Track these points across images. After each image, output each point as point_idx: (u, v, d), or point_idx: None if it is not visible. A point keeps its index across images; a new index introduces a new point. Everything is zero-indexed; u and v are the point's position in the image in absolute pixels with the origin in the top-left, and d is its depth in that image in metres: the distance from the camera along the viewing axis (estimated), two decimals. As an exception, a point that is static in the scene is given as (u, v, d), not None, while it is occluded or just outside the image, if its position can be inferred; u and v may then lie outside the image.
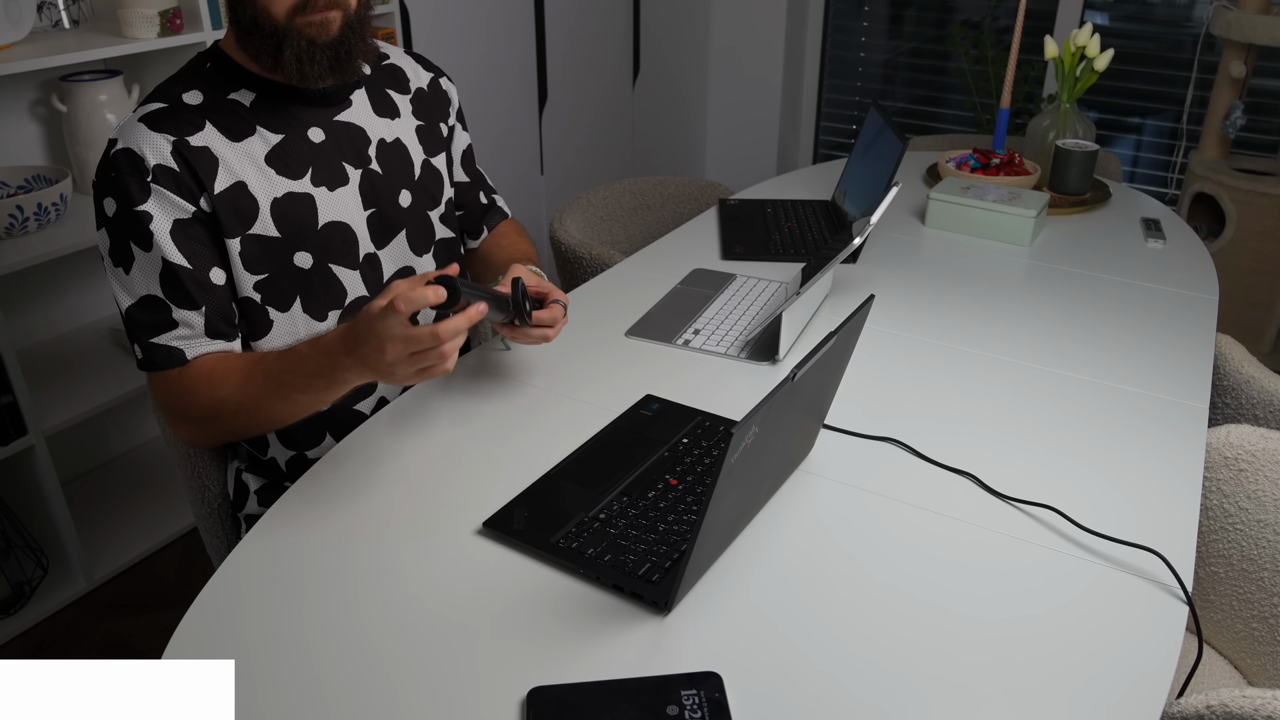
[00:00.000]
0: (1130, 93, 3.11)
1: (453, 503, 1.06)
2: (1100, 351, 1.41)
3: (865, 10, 3.47)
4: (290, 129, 1.18)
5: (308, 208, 1.18)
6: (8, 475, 1.99)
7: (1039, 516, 1.05)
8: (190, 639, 0.87)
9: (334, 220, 1.20)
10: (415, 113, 1.32)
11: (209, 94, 1.15)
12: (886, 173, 1.68)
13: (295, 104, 1.19)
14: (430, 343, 0.94)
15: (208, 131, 1.13)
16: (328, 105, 1.22)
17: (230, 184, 1.13)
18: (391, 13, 2.36)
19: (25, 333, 2.12)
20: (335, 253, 1.21)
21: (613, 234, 2.16)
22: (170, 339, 1.12)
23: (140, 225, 1.09)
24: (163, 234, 1.09)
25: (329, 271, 1.21)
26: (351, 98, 1.24)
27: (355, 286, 1.25)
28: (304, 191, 1.18)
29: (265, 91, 1.17)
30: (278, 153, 1.17)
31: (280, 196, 1.16)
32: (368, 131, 1.25)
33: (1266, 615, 1.18)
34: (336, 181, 1.21)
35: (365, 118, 1.25)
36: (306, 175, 1.18)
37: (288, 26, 1.10)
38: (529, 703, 0.80)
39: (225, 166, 1.13)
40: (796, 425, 1.01)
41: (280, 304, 1.19)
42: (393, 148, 1.27)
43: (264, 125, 1.16)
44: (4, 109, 2.00)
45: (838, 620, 0.90)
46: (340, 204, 1.21)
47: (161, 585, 2.10)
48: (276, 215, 1.16)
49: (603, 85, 3.31)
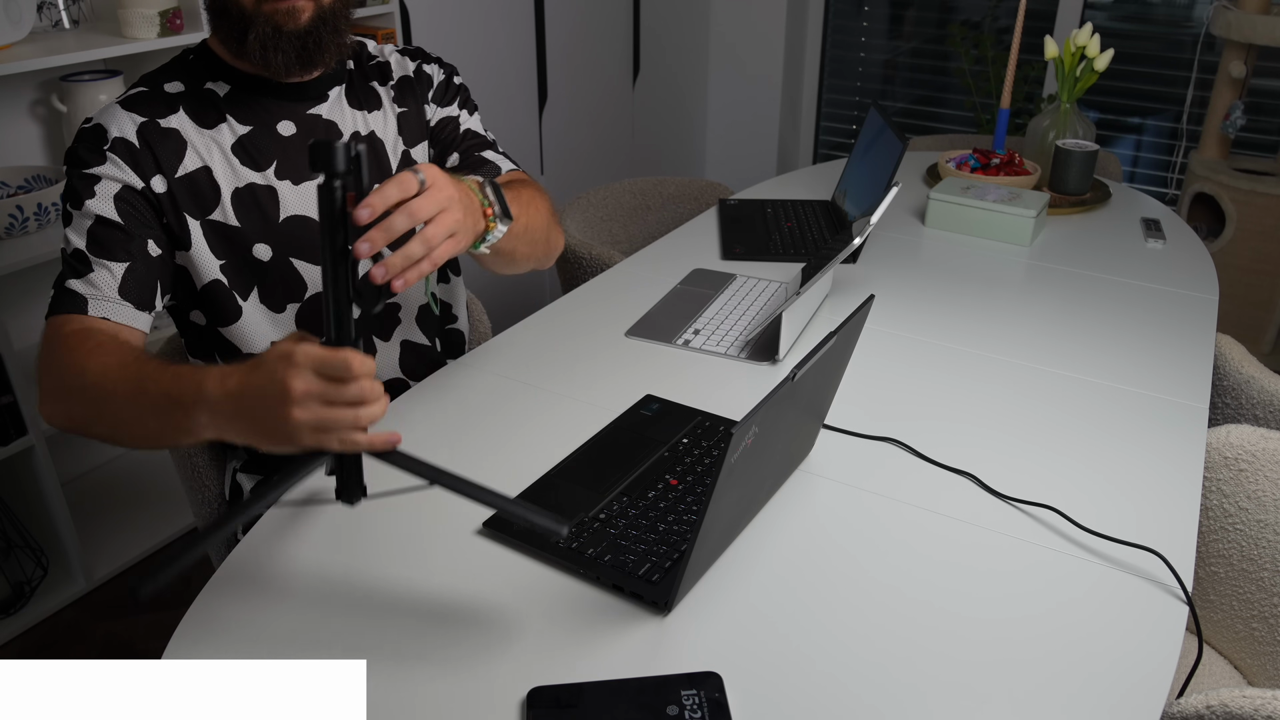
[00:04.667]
0: (1130, 93, 3.10)
1: (453, 503, 1.06)
2: (1100, 351, 1.41)
3: (865, 10, 3.47)
4: (259, 121, 1.18)
5: (269, 200, 1.18)
6: (8, 475, 1.99)
7: (1039, 516, 1.05)
8: (190, 639, 0.87)
9: (297, 214, 1.20)
10: (397, 100, 1.29)
11: (188, 83, 1.17)
12: (886, 173, 1.68)
13: (269, 97, 1.18)
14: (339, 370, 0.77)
15: (180, 116, 1.15)
16: (303, 99, 1.21)
17: (196, 168, 1.14)
18: (391, 13, 2.36)
19: (25, 333, 2.11)
20: (298, 247, 1.20)
21: (613, 234, 2.16)
22: (79, 285, 1.07)
23: (85, 185, 1.09)
24: (105, 193, 1.09)
25: (289, 265, 1.20)
26: (330, 92, 1.23)
27: (318, 281, 1.23)
28: (267, 184, 1.18)
29: (240, 84, 1.17)
30: (244, 144, 1.17)
31: (241, 187, 1.16)
32: (339, 125, 1.23)
33: (1266, 615, 1.18)
34: (302, 175, 1.20)
35: (338, 112, 1.24)
36: (271, 168, 1.18)
37: (255, 12, 1.09)
38: (529, 703, 0.80)
39: (193, 150, 1.14)
40: (796, 425, 1.01)
41: (243, 292, 1.20)
42: (366, 141, 1.25)
43: (234, 116, 1.17)
44: (4, 109, 2.00)
45: (838, 620, 0.90)
46: (305, 198, 1.20)
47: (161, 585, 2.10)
48: (236, 205, 1.16)
49: (603, 85, 3.31)
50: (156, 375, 0.92)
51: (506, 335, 1.43)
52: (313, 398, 0.78)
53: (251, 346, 1.22)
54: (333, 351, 0.78)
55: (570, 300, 1.55)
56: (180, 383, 0.89)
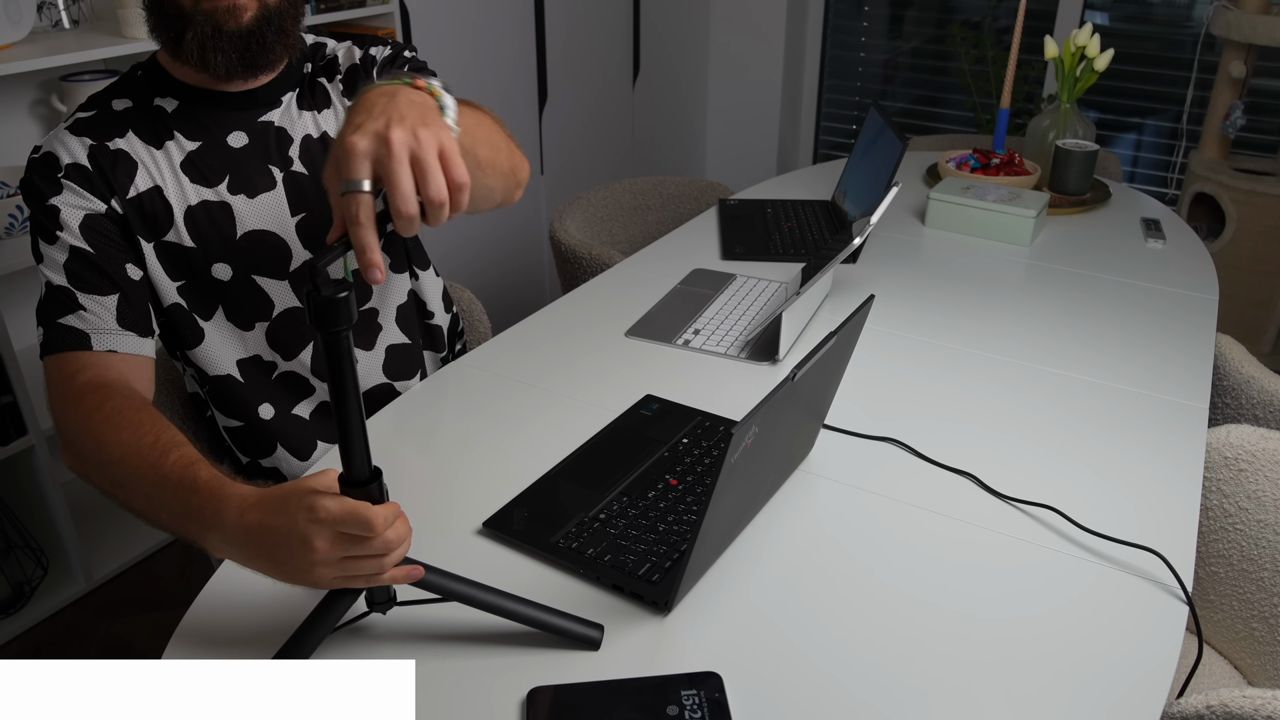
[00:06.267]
0: (1130, 93, 3.10)
1: (453, 503, 1.06)
2: (1100, 351, 1.41)
3: (865, 10, 3.47)
4: (208, 135, 1.13)
5: (224, 217, 1.14)
6: (8, 475, 1.99)
7: (1039, 516, 1.05)
8: (190, 639, 0.87)
9: (256, 229, 1.15)
10: (346, 92, 1.23)
11: (136, 100, 1.13)
12: (886, 173, 1.68)
13: (218, 109, 1.14)
14: (375, 550, 0.75)
15: (129, 137, 1.10)
16: (253, 107, 1.16)
17: (148, 188, 1.10)
18: (391, 13, 2.36)
19: (25, 333, 2.12)
20: (259, 263, 1.16)
21: (613, 234, 2.16)
22: (75, 320, 1.04)
23: (50, 218, 1.06)
24: (71, 225, 1.06)
25: (251, 283, 1.16)
26: (283, 98, 1.18)
27: (285, 298, 1.19)
28: (220, 200, 1.13)
29: (189, 98, 1.13)
30: (193, 160, 1.13)
31: (194, 205, 1.12)
32: (289, 130, 1.18)
33: (1266, 615, 1.18)
34: (258, 188, 1.15)
35: (288, 117, 1.18)
36: (223, 183, 1.13)
37: (193, 10, 1.04)
38: (529, 703, 0.80)
39: (144, 170, 1.10)
40: (796, 425, 1.01)
41: (204, 312, 1.16)
42: (319, 143, 1.20)
43: (182, 132, 1.13)
44: (4, 109, 2.00)
45: (838, 620, 0.90)
46: (263, 211, 1.16)
47: (161, 585, 2.10)
48: (189, 225, 1.12)
49: (603, 85, 3.31)
50: (176, 478, 0.86)
51: (506, 335, 1.43)
52: (337, 554, 0.75)
53: (216, 368, 1.19)
54: (354, 509, 0.74)
55: (570, 300, 1.55)
56: (199, 498, 0.83)
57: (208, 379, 1.20)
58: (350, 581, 0.78)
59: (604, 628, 0.88)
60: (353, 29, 2.34)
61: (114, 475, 0.92)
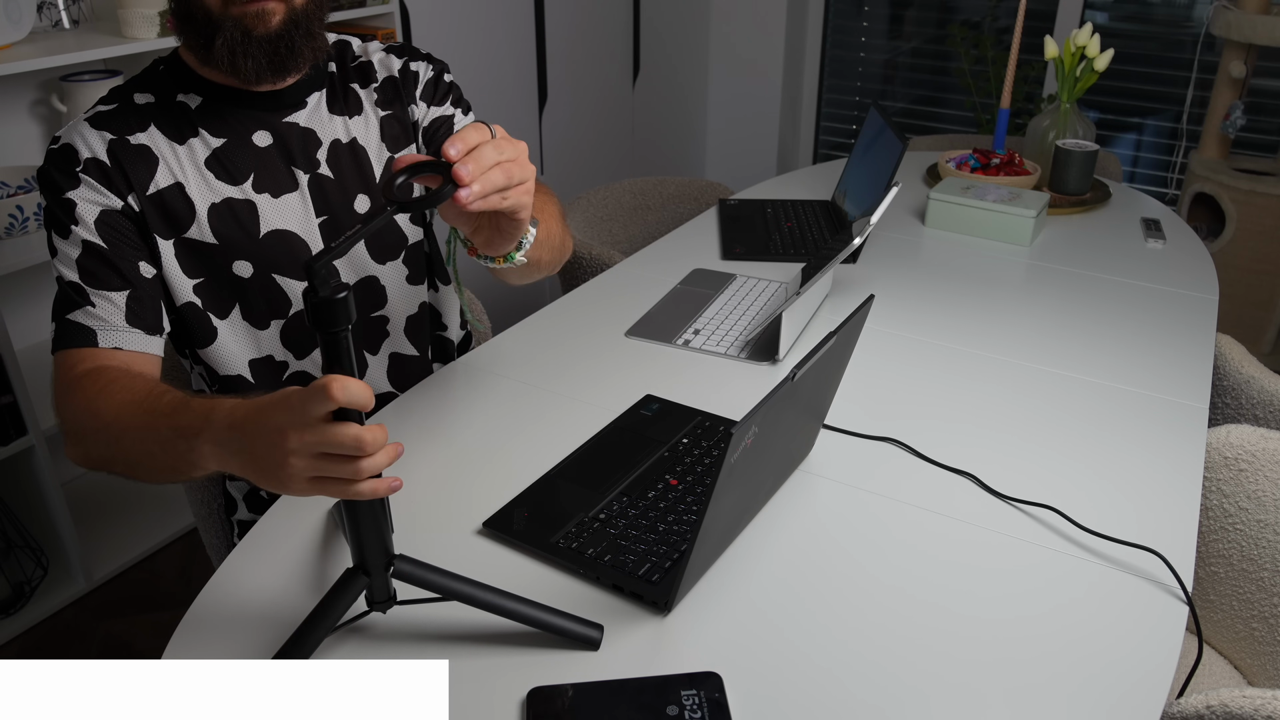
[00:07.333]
0: (1130, 93, 3.10)
1: (452, 503, 1.06)
2: (1100, 351, 1.41)
3: (865, 10, 3.47)
4: (234, 133, 1.13)
5: (248, 215, 1.14)
6: (8, 475, 1.99)
7: (1039, 516, 1.05)
8: (190, 639, 0.87)
9: (278, 229, 1.15)
10: (380, 103, 1.22)
11: (158, 95, 1.12)
12: (886, 173, 1.68)
13: (243, 107, 1.13)
14: (348, 449, 0.73)
15: (151, 131, 1.10)
16: (279, 108, 1.16)
17: (169, 184, 1.10)
18: (391, 13, 2.36)
19: (25, 333, 2.12)
20: (280, 262, 1.16)
21: (613, 234, 2.16)
22: (83, 317, 1.04)
23: (66, 212, 1.06)
24: (87, 220, 1.06)
25: (271, 281, 1.16)
26: (308, 99, 1.18)
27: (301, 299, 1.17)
28: (244, 198, 1.13)
29: (212, 95, 1.12)
30: (218, 157, 1.12)
31: (218, 203, 1.12)
32: (318, 133, 1.18)
33: (1266, 615, 1.18)
34: (282, 188, 1.15)
35: (317, 119, 1.18)
36: (248, 181, 1.13)
37: (222, 16, 1.03)
38: (529, 703, 0.80)
39: (165, 166, 1.10)
40: (796, 425, 1.01)
41: (220, 311, 1.16)
42: (347, 149, 1.20)
43: (207, 128, 1.12)
44: (4, 109, 2.00)
45: (838, 620, 0.90)
46: (286, 211, 1.16)
47: (161, 585, 2.10)
48: (213, 221, 1.12)
49: (603, 85, 3.31)
50: (167, 408, 0.89)
51: (506, 335, 1.43)
52: (310, 443, 0.73)
53: (228, 368, 1.19)
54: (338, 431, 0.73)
55: (570, 300, 1.55)
56: (189, 413, 0.85)
57: (217, 378, 1.20)
58: (324, 486, 0.75)
59: (604, 628, 0.88)
60: (353, 29, 2.34)
61: (111, 433, 0.93)
